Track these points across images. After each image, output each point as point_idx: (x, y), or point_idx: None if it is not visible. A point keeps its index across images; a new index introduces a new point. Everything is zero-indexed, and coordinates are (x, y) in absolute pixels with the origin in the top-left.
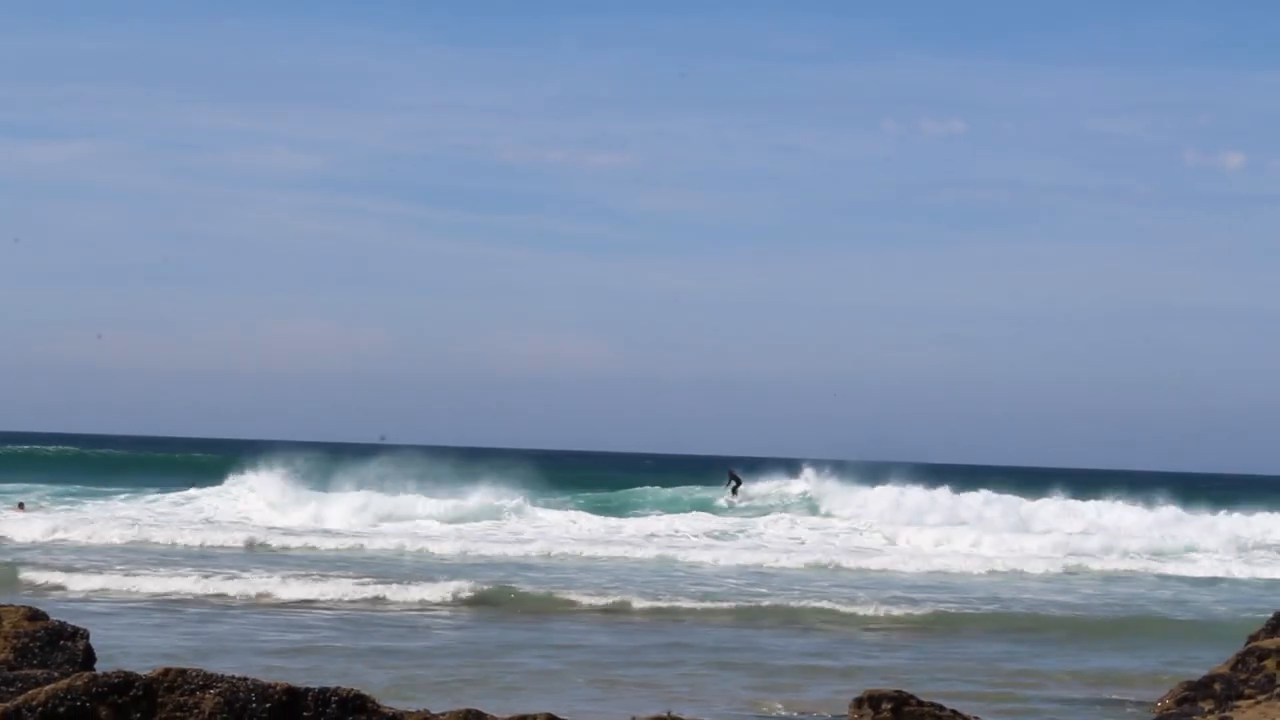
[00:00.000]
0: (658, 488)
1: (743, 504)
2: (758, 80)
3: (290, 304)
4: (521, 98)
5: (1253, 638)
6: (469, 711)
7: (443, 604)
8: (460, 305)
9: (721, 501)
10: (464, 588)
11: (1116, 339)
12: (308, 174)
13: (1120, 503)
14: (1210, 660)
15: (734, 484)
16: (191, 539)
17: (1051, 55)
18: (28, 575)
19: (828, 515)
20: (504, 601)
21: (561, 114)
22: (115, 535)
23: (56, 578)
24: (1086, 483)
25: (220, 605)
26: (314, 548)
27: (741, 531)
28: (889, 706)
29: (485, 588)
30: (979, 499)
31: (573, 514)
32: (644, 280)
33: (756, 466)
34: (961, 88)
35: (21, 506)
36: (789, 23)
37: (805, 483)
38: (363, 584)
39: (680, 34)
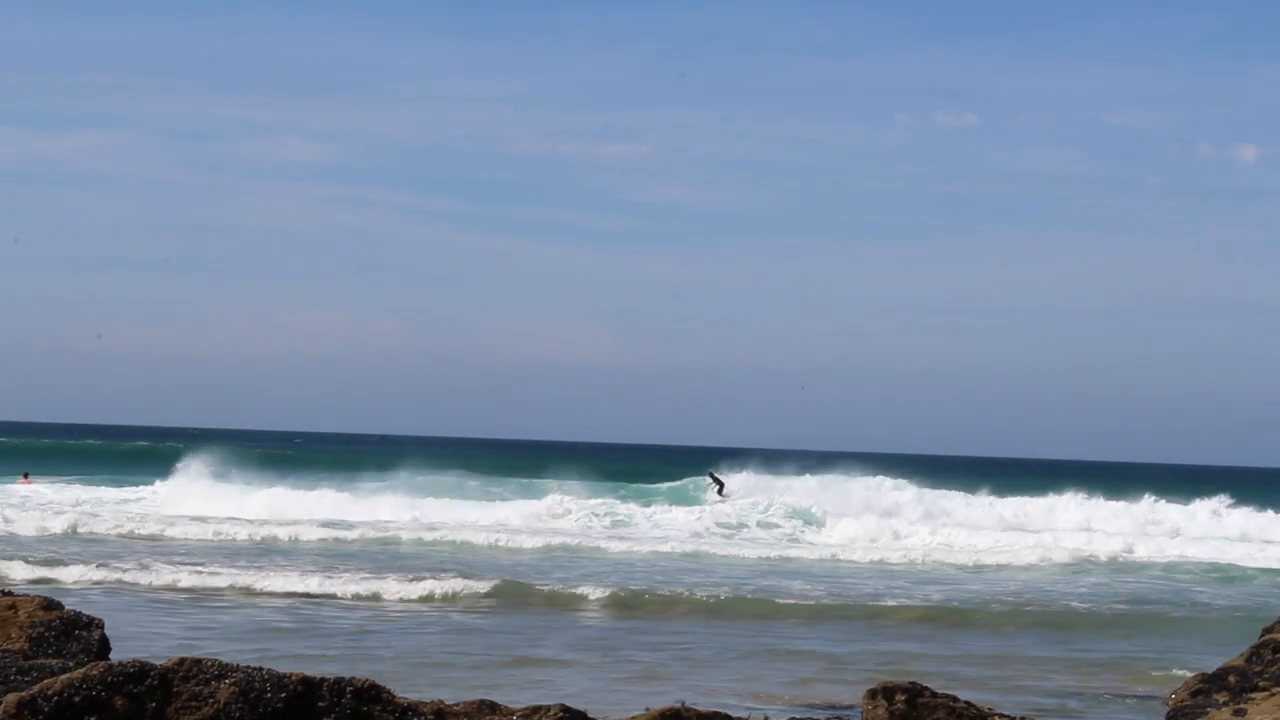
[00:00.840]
0: (659, 483)
1: (733, 499)
2: (770, 72)
3: (302, 294)
4: (534, 89)
5: (1267, 630)
6: (483, 702)
7: (455, 597)
8: (472, 296)
9: (707, 501)
10: (477, 580)
11: (1129, 331)
12: (320, 165)
13: (1135, 496)
14: (1214, 653)
15: (718, 485)
16: (191, 530)
17: (1065, 47)
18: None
19: (819, 515)
20: (515, 594)
21: (574, 105)
22: (105, 526)
23: (40, 570)
24: (1101, 475)
25: (230, 597)
26: (325, 539)
27: (741, 525)
28: (903, 698)
29: (496, 580)
30: (967, 495)
31: (575, 505)
32: (655, 272)
33: (768, 459)
34: (975, 80)
35: (26, 476)
36: (802, 14)
37: (801, 477)
38: (377, 579)
39: (692, 25)
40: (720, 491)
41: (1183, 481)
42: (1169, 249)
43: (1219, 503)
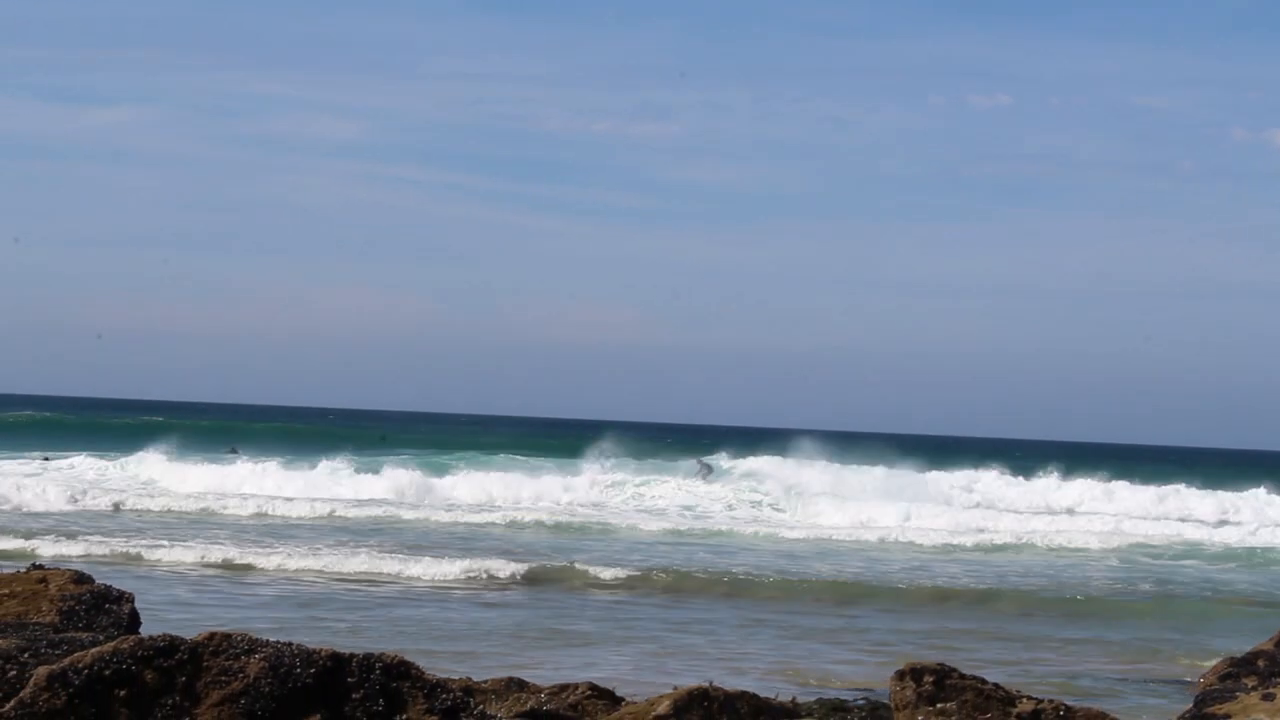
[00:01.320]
0: (678, 460)
1: (748, 479)
2: (803, 52)
3: (331, 272)
4: (566, 67)
5: None
6: (510, 680)
7: (487, 576)
8: (501, 275)
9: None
10: (510, 560)
11: (1159, 315)
12: (350, 142)
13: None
14: (1243, 637)
15: (705, 471)
16: (228, 506)
17: (1099, 29)
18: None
19: (842, 496)
20: (545, 574)
21: (606, 84)
22: (136, 501)
23: (66, 547)
24: (1135, 459)
25: (263, 574)
26: (360, 517)
27: (763, 505)
28: (931, 679)
29: (527, 560)
30: (1000, 476)
31: (605, 484)
32: (685, 252)
33: (795, 440)
34: (1008, 61)
35: (47, 459)
36: None
37: (827, 461)
38: (412, 557)
39: (725, 5)
40: (705, 476)
41: (1217, 466)
42: (1201, 233)
43: (1251, 487)
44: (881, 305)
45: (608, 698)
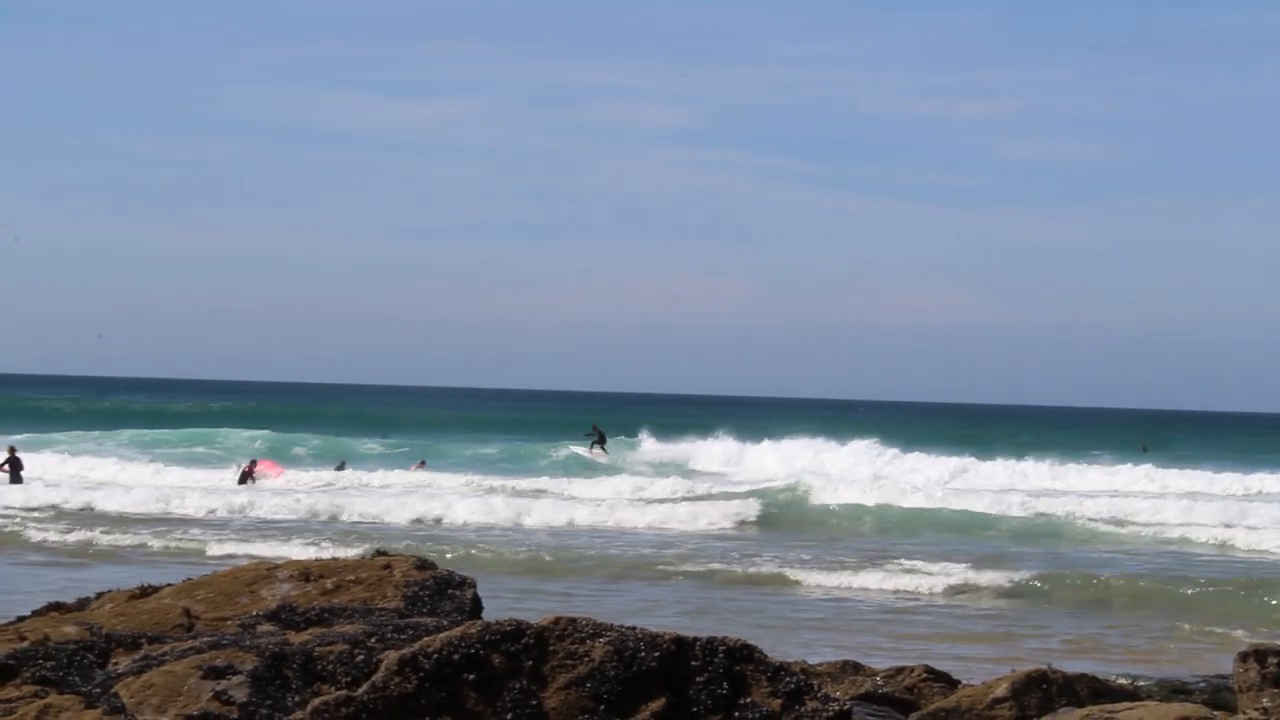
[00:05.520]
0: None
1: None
2: (1128, 25)
3: (658, 256)
4: (889, 48)
5: None
6: (846, 663)
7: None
8: (826, 257)
9: (586, 453)
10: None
11: None
12: (674, 127)
13: None
14: None
15: (596, 438)
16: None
17: None
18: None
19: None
20: None
21: (929, 64)
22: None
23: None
24: None
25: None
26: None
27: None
28: (1275, 661)
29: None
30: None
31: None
32: (1014, 231)
33: (1122, 419)
34: None
35: (422, 464)
36: None
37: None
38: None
39: None
40: (598, 445)
41: None
42: None
43: None
44: (1217, 281)
45: (944, 680)
